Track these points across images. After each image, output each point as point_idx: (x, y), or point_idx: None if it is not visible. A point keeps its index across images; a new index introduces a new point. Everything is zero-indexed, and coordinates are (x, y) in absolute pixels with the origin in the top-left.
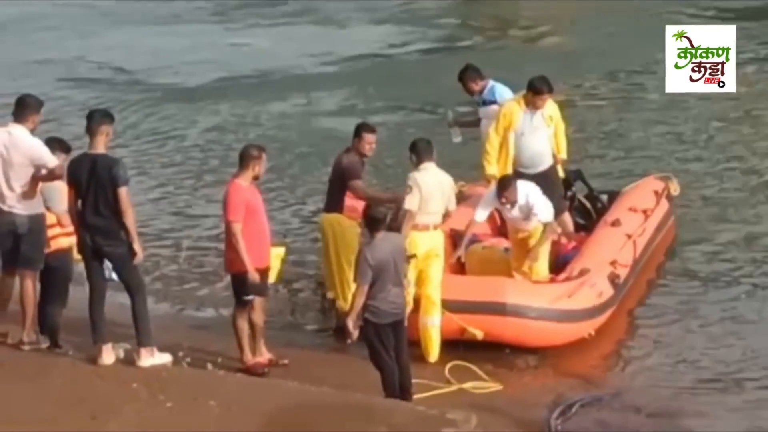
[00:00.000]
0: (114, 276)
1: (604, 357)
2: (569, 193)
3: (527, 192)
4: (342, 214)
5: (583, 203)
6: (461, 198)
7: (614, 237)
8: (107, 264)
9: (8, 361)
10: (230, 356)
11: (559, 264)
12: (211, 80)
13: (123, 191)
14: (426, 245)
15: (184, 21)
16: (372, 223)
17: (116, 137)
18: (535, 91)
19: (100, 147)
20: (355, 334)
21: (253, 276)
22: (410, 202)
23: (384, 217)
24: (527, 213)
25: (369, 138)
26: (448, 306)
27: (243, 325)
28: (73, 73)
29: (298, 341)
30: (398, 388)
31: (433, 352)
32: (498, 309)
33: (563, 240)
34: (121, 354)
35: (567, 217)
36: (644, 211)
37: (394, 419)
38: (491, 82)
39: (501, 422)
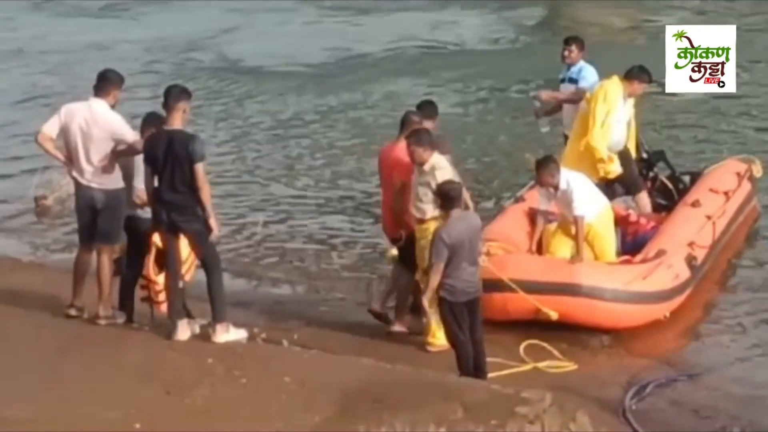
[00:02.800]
0: None
1: (679, 338)
2: (651, 174)
3: (568, 179)
4: None
5: (666, 184)
6: None
7: (693, 218)
8: None
9: (85, 336)
10: (305, 333)
11: (637, 244)
12: (316, 63)
13: (199, 167)
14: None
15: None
16: (446, 200)
17: (224, 118)
18: (640, 79)
19: (177, 123)
20: (431, 312)
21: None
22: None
23: (459, 194)
24: (566, 201)
25: (415, 120)
26: (524, 286)
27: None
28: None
29: (371, 318)
30: (473, 367)
31: (439, 335)
32: (573, 290)
33: (642, 220)
34: (197, 329)
35: (644, 197)
36: (725, 193)
37: (468, 397)
38: (582, 62)
39: (575, 401)
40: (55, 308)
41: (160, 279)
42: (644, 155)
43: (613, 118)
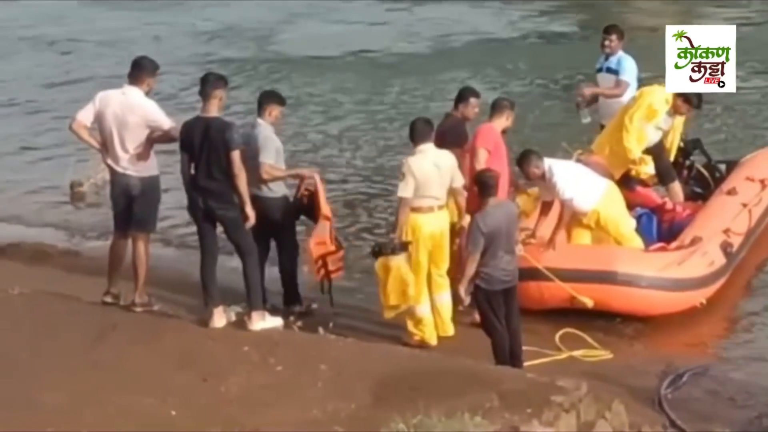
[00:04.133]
0: None
1: (715, 326)
2: (687, 162)
3: (549, 166)
4: None
5: (702, 172)
6: None
7: (729, 206)
8: None
9: (120, 323)
10: (341, 321)
11: (672, 232)
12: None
13: (235, 155)
14: (431, 226)
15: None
16: (483, 188)
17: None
18: (690, 104)
19: (214, 110)
20: (467, 300)
21: None
22: (403, 189)
23: (495, 182)
24: (552, 189)
25: (474, 102)
26: (559, 275)
27: None
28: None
29: None
30: (509, 355)
31: (447, 328)
32: (608, 278)
33: (677, 208)
34: (233, 317)
35: (677, 186)
36: (761, 181)
37: (504, 385)
38: (621, 52)
39: (611, 390)
40: (91, 295)
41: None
42: (680, 144)
43: (651, 126)
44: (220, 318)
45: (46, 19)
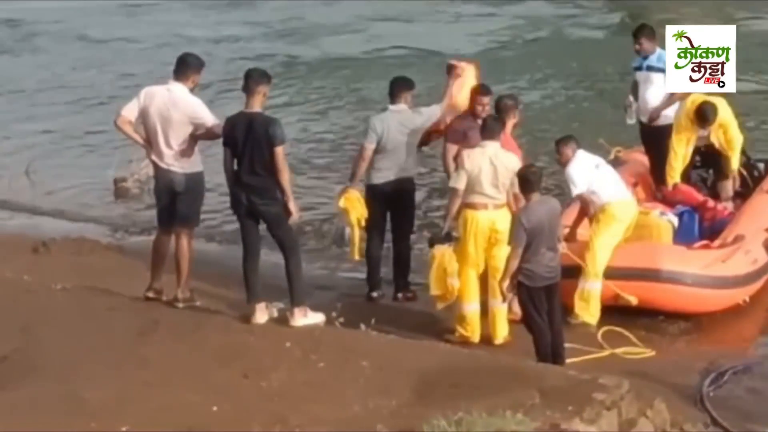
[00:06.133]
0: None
1: (757, 324)
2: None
3: (574, 159)
4: None
5: (741, 171)
6: (617, 163)
7: None
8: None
9: (163, 319)
10: (383, 317)
11: (714, 230)
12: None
13: (279, 150)
14: (483, 222)
15: None
16: (525, 184)
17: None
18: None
19: (257, 106)
20: (509, 296)
21: None
22: (455, 180)
23: (538, 178)
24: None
25: (483, 100)
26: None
27: None
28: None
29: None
30: (550, 352)
31: (500, 334)
32: (652, 275)
33: (719, 206)
34: (275, 313)
35: (729, 184)
36: None
37: (545, 383)
38: (659, 49)
39: (653, 388)
40: (134, 290)
41: None
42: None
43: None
44: (262, 314)
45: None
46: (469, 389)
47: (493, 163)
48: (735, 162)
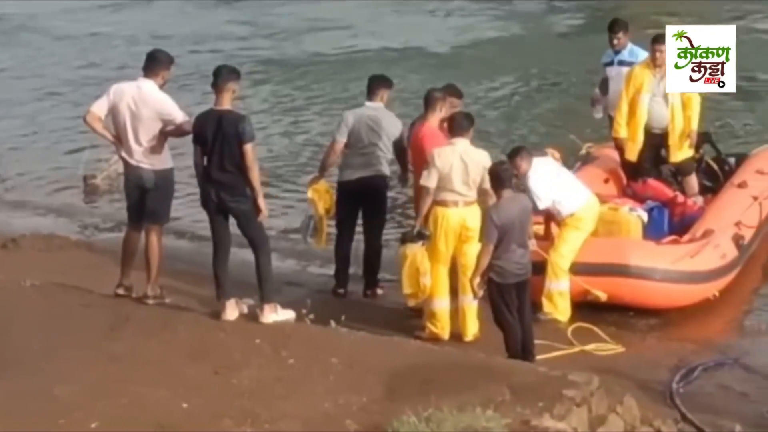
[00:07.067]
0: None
1: (727, 320)
2: (697, 156)
3: (533, 171)
4: None
5: (711, 166)
6: (588, 159)
7: (740, 198)
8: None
9: (133, 315)
10: (353, 314)
11: (683, 225)
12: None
13: (249, 147)
14: (454, 220)
15: None
16: (496, 181)
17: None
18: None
19: (226, 103)
20: (479, 293)
21: None
22: (425, 178)
23: (510, 175)
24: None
25: (454, 102)
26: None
27: None
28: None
29: None
30: (520, 349)
31: (470, 331)
32: (621, 271)
33: (688, 201)
34: (245, 310)
35: (693, 179)
36: None
37: (515, 379)
38: (630, 44)
39: (623, 384)
40: (104, 287)
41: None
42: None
43: (645, 97)
44: (232, 310)
45: (82, 13)
46: (440, 386)
47: (464, 160)
48: (695, 122)
